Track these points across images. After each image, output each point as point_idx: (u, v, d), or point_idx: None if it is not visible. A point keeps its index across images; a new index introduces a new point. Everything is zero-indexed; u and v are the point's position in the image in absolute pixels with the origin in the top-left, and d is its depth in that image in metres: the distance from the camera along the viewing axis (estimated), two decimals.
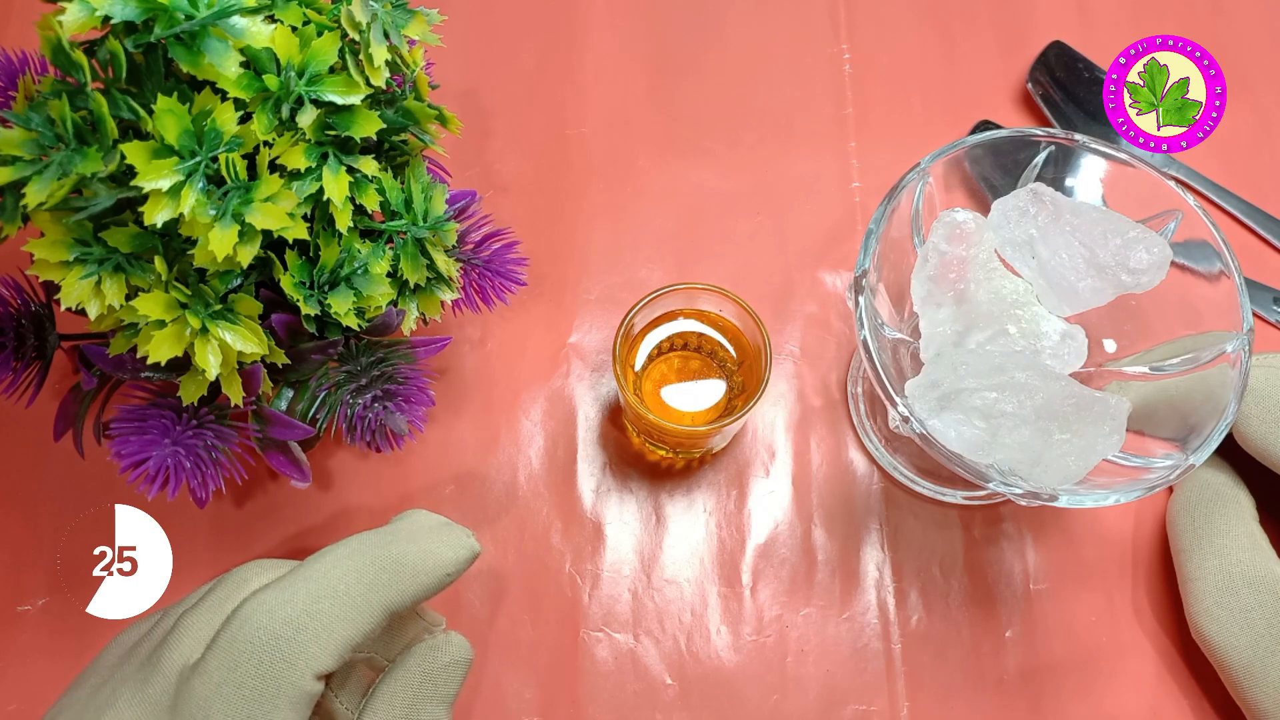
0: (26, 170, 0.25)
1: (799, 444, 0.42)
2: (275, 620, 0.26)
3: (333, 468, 0.41)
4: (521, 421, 0.42)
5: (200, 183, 0.26)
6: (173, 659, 0.27)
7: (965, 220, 0.35)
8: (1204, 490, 0.37)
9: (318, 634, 0.26)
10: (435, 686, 0.29)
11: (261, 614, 0.26)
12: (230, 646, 0.26)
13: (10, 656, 0.37)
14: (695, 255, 0.45)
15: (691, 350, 0.39)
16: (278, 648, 0.26)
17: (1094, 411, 0.32)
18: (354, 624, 0.27)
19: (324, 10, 0.29)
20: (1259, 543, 0.36)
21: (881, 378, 0.32)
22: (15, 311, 0.33)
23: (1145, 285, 0.34)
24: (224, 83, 0.26)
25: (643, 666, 0.38)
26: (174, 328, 0.28)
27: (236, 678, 0.26)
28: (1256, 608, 0.34)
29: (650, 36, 0.49)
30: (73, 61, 0.25)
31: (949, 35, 0.50)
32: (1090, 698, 0.38)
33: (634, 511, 0.41)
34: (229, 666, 0.26)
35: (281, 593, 0.27)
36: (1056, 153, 0.36)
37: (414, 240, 0.32)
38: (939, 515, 0.41)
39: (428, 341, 0.35)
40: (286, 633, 0.26)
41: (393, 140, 0.33)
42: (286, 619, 0.26)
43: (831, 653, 0.39)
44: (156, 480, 0.30)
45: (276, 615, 0.26)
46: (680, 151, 0.47)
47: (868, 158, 0.47)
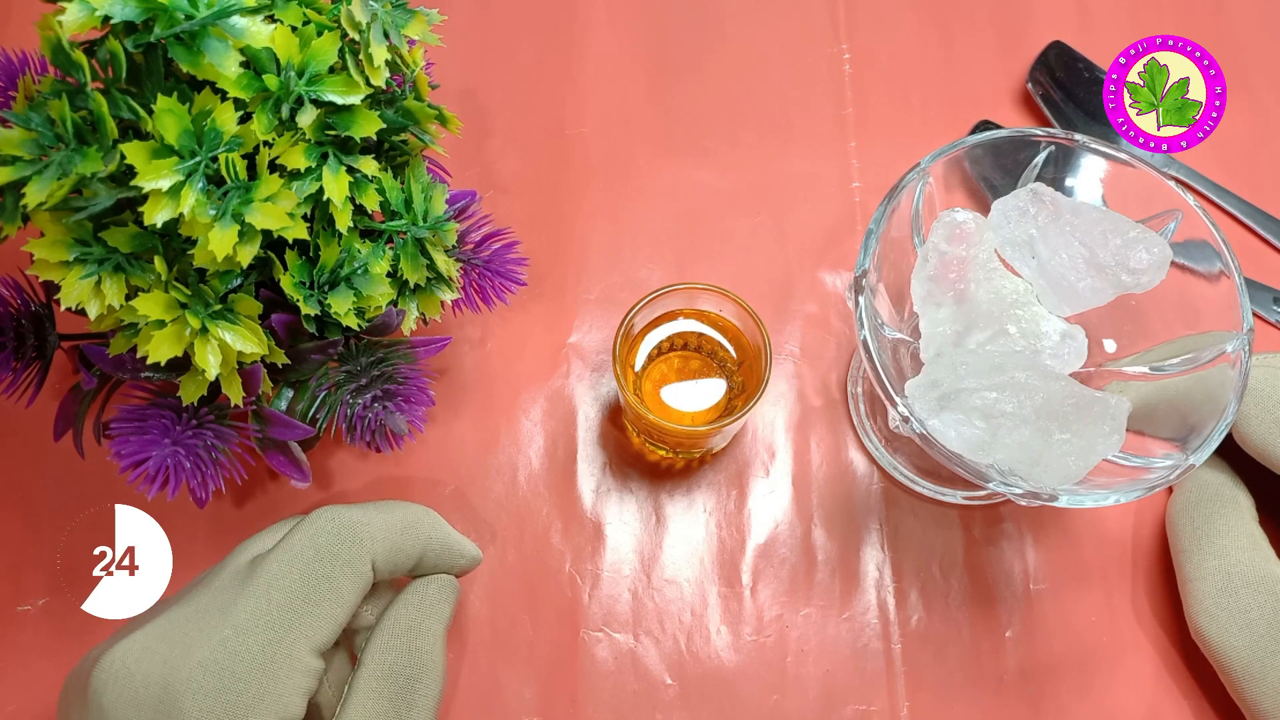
0: (26, 170, 0.25)
1: (799, 444, 0.42)
2: (344, 515, 0.32)
3: (333, 468, 0.41)
4: (521, 421, 0.42)
5: (200, 183, 0.26)
6: (244, 552, 0.32)
7: (965, 220, 0.35)
8: (1204, 490, 0.37)
9: (375, 532, 0.32)
10: (429, 609, 0.33)
11: (331, 511, 0.32)
12: (303, 528, 0.31)
13: (10, 656, 0.37)
14: (695, 255, 0.45)
15: (691, 350, 0.39)
16: (348, 529, 0.31)
17: (1094, 411, 0.32)
18: (399, 542, 0.32)
19: (324, 10, 0.29)
20: (1259, 543, 0.36)
21: (881, 378, 0.32)
22: (15, 311, 0.33)
23: (1145, 285, 0.34)
24: (224, 83, 0.26)
25: (643, 666, 0.38)
26: (174, 328, 0.28)
27: (310, 549, 0.31)
28: (1256, 608, 0.34)
29: (650, 36, 0.49)
30: (73, 61, 0.25)
31: (949, 35, 0.50)
32: (1090, 697, 0.38)
33: (634, 511, 0.41)
34: (302, 543, 0.31)
35: (348, 507, 0.32)
36: (1056, 153, 0.36)
37: (414, 240, 0.32)
38: (939, 515, 0.41)
39: (428, 341, 0.35)
40: (353, 523, 0.32)
41: (393, 140, 0.33)
42: (353, 518, 0.32)
43: (831, 653, 0.39)
44: (156, 480, 0.30)
45: (344, 514, 0.32)
46: (680, 151, 0.47)
47: (868, 158, 0.47)
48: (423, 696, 0.31)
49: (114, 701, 0.28)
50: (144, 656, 0.29)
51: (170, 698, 0.28)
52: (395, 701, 0.31)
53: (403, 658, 0.32)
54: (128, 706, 0.28)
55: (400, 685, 0.31)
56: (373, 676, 0.31)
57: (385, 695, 0.31)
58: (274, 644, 0.29)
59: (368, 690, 0.31)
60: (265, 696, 0.29)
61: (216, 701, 0.28)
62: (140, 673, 0.29)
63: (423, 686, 0.31)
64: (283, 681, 0.29)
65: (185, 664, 0.29)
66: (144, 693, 0.28)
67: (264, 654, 0.29)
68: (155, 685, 0.28)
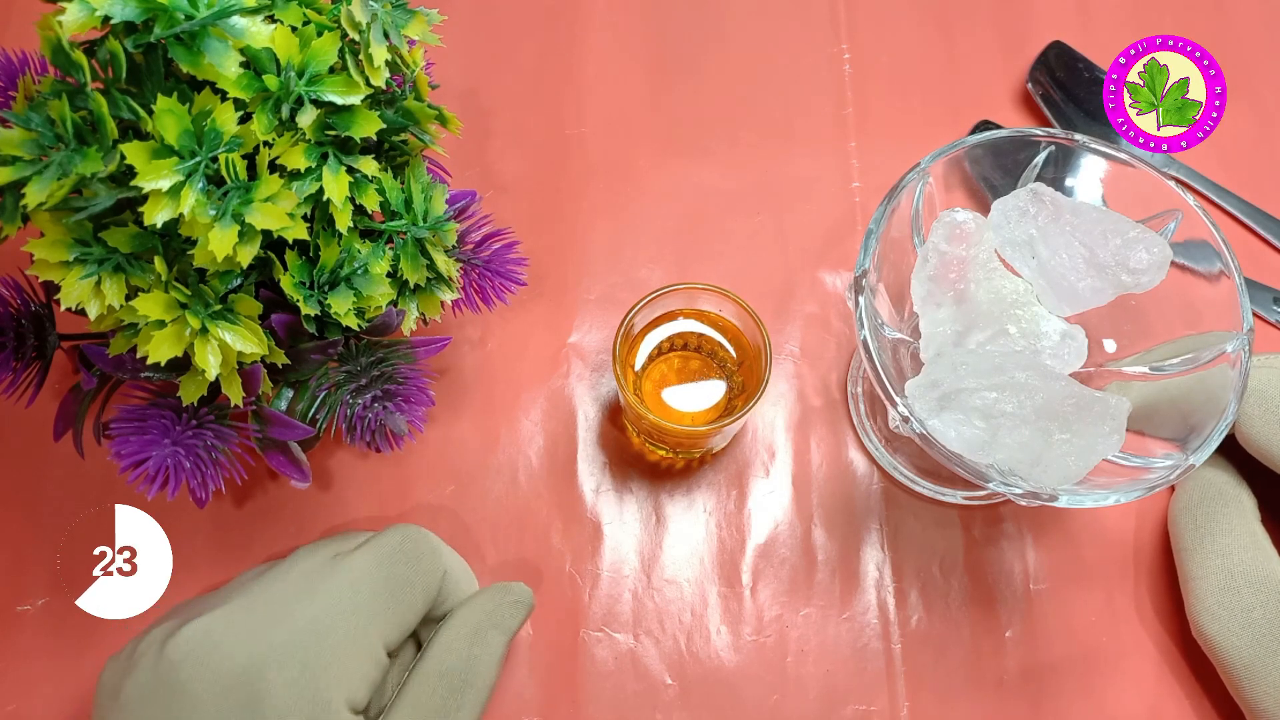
0: (26, 170, 0.25)
1: (799, 444, 0.42)
2: (425, 532, 0.35)
3: (333, 468, 0.41)
4: (521, 421, 0.42)
5: (200, 183, 0.26)
6: (318, 551, 0.34)
7: (965, 220, 0.35)
8: (1206, 490, 0.37)
9: (448, 556, 0.36)
10: (498, 618, 0.35)
11: (414, 527, 0.35)
12: (392, 534, 0.34)
13: (10, 656, 0.37)
14: (695, 255, 0.45)
15: (691, 350, 0.39)
16: (431, 545, 0.35)
17: (1094, 411, 0.32)
18: (459, 573, 0.36)
19: (324, 10, 0.29)
20: (1260, 542, 0.36)
21: (881, 378, 0.32)
22: (15, 311, 0.33)
23: (1145, 285, 0.34)
24: (224, 83, 0.26)
25: (643, 666, 0.38)
26: (174, 328, 0.28)
27: (400, 554, 0.34)
28: (1258, 607, 0.34)
29: (650, 36, 0.49)
30: (73, 61, 0.25)
31: (949, 35, 0.50)
32: (1090, 697, 0.38)
33: (634, 511, 0.41)
34: (391, 546, 0.34)
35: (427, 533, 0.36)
36: (1056, 153, 0.36)
37: (414, 240, 0.32)
38: (939, 515, 0.41)
39: (428, 341, 0.35)
40: (433, 540, 0.35)
41: (393, 140, 0.33)
42: (433, 537, 0.35)
43: (831, 653, 0.39)
44: (156, 480, 0.30)
45: (426, 531, 0.35)
46: (680, 151, 0.47)
47: (868, 158, 0.47)
48: (470, 701, 0.33)
49: (195, 672, 0.29)
50: (228, 632, 0.30)
51: (255, 669, 0.29)
52: (446, 699, 0.32)
53: (459, 662, 0.33)
54: (210, 675, 0.29)
55: (453, 686, 0.33)
56: (431, 673, 0.33)
57: (439, 692, 0.32)
58: (357, 631, 0.31)
59: (424, 684, 0.33)
60: (342, 679, 0.30)
61: (300, 675, 0.30)
62: (225, 645, 0.30)
63: (473, 691, 0.33)
64: (359, 667, 0.31)
65: (270, 639, 0.30)
66: (227, 664, 0.30)
67: (347, 639, 0.31)
68: (239, 657, 0.30)
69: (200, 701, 0.29)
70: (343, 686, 0.30)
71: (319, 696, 0.30)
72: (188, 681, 0.29)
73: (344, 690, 0.30)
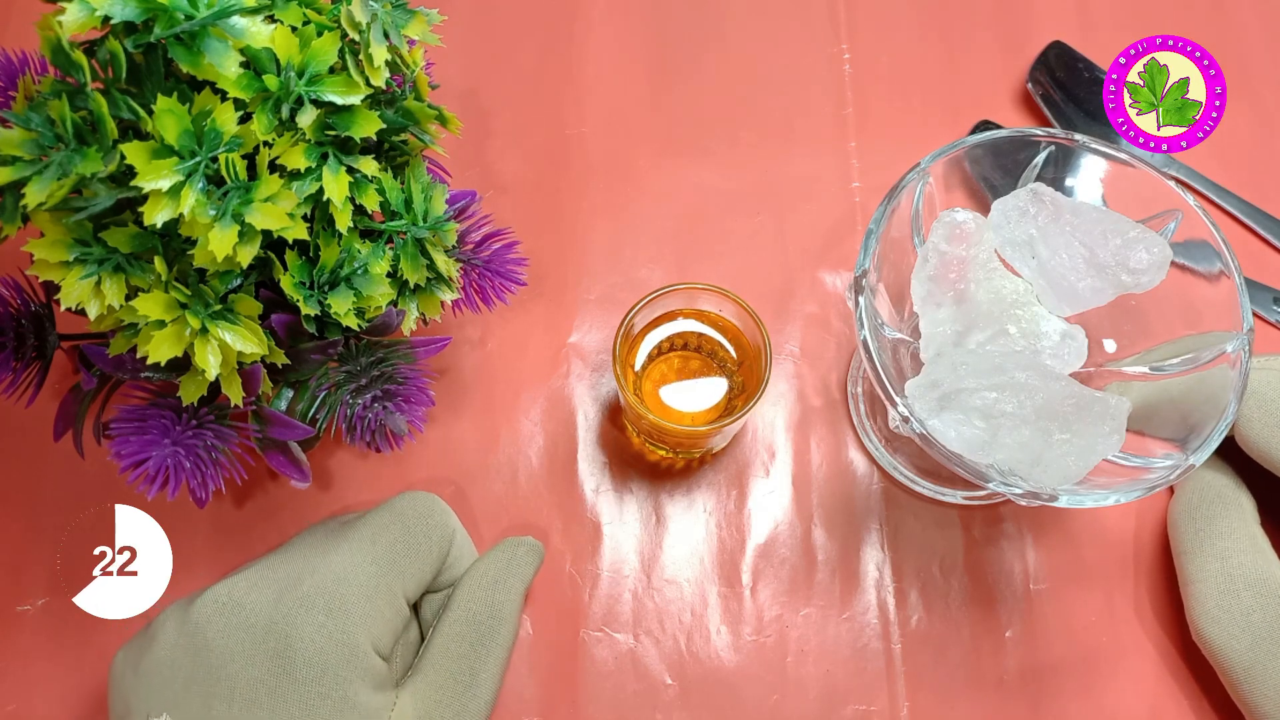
0: (26, 170, 0.25)
1: (799, 444, 0.42)
2: (435, 497, 0.37)
3: (333, 468, 0.41)
4: (521, 421, 0.42)
5: (200, 183, 0.26)
6: (326, 523, 0.36)
7: (965, 220, 0.34)
8: (1206, 492, 0.37)
9: (454, 519, 0.37)
10: (515, 567, 0.37)
11: (424, 492, 0.37)
12: (403, 497, 0.36)
13: (10, 656, 0.37)
14: (695, 255, 0.45)
15: (691, 350, 0.39)
16: (440, 506, 0.36)
17: (1094, 411, 0.32)
18: (464, 540, 0.38)
19: (324, 10, 0.29)
20: (1260, 545, 0.36)
21: (881, 378, 0.32)
22: (15, 311, 0.33)
23: (1145, 285, 0.34)
24: (224, 83, 0.26)
25: (643, 666, 0.38)
26: (174, 328, 0.28)
27: (412, 511, 0.35)
28: (1257, 609, 0.34)
29: (650, 36, 0.49)
30: (73, 61, 0.25)
31: (949, 35, 0.50)
32: (1090, 698, 0.38)
33: (634, 511, 0.41)
34: (404, 505, 0.35)
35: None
36: (1056, 153, 0.36)
37: (414, 240, 0.32)
38: (939, 515, 0.41)
39: (428, 341, 0.35)
40: (442, 503, 0.37)
41: (393, 140, 0.33)
42: (441, 501, 0.37)
43: (831, 653, 0.39)
44: (156, 480, 0.30)
45: (435, 496, 0.37)
46: (680, 151, 0.47)
47: (868, 158, 0.47)
48: (497, 645, 0.35)
49: (222, 630, 0.30)
50: (250, 591, 0.32)
51: (283, 616, 0.31)
52: (475, 645, 0.34)
53: (484, 609, 0.35)
54: (238, 630, 0.30)
55: (480, 630, 0.35)
56: (458, 620, 0.35)
57: (466, 639, 0.34)
58: (379, 577, 0.33)
59: (451, 632, 0.34)
60: (369, 621, 0.32)
61: (328, 620, 0.31)
62: (249, 603, 0.31)
63: (499, 637, 0.35)
64: (383, 611, 0.32)
65: (295, 592, 0.31)
66: (254, 618, 0.31)
67: (370, 586, 0.32)
68: (265, 610, 0.31)
69: (231, 655, 0.30)
70: (368, 631, 0.32)
71: (347, 639, 0.31)
72: (215, 638, 0.30)
73: (370, 635, 0.32)
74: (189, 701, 0.29)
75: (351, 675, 0.30)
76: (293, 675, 0.30)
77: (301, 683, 0.30)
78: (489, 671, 0.34)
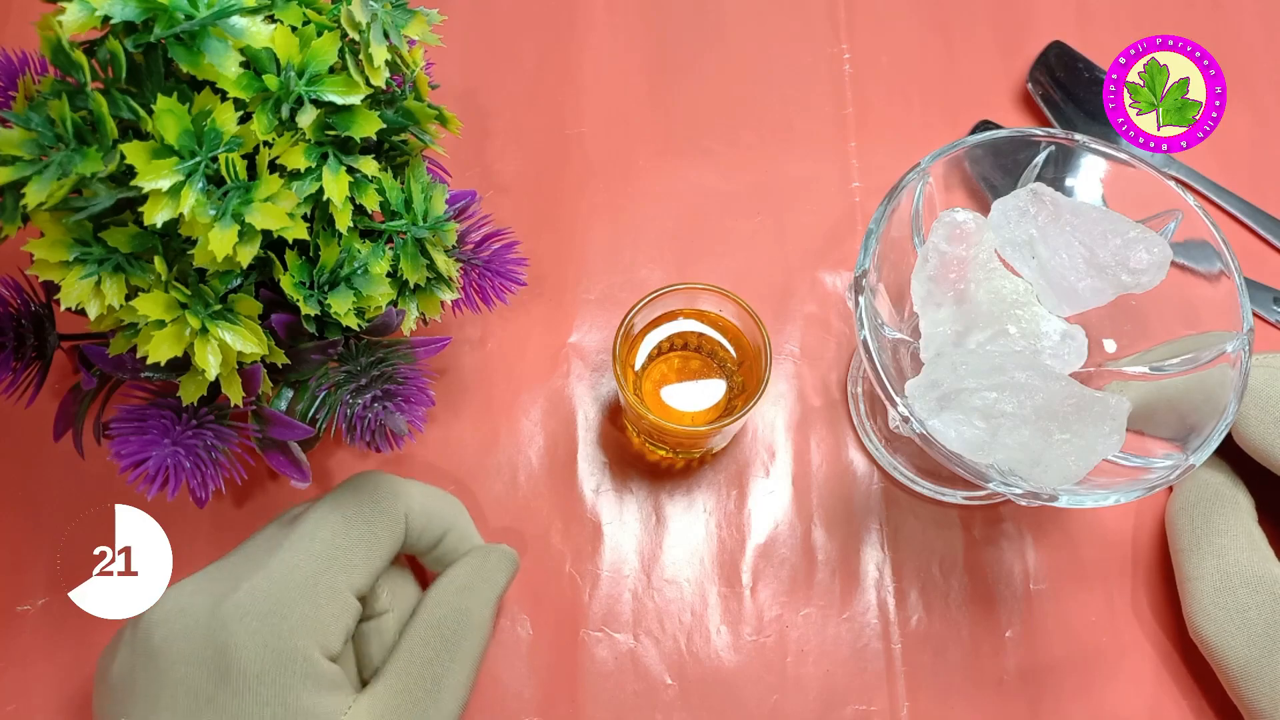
0: (26, 170, 0.25)
1: (799, 444, 0.42)
2: (383, 474, 0.35)
3: (333, 468, 0.41)
4: (521, 421, 0.42)
5: (200, 183, 0.26)
6: (284, 516, 0.35)
7: (965, 220, 0.35)
8: (1203, 490, 0.37)
9: (411, 491, 0.35)
10: (486, 574, 0.35)
11: (371, 472, 0.35)
12: (346, 483, 0.35)
13: (10, 656, 0.37)
14: (695, 255, 0.45)
15: (691, 350, 0.39)
16: (387, 484, 0.35)
17: (1094, 411, 0.32)
18: (431, 507, 0.36)
19: (324, 10, 0.29)
20: (1257, 543, 0.36)
21: (881, 378, 0.32)
22: (15, 311, 0.33)
23: (1145, 285, 0.34)
24: (224, 83, 0.26)
25: (643, 666, 0.38)
26: (174, 328, 0.28)
27: (352, 498, 0.34)
28: (1254, 607, 0.34)
29: (650, 36, 0.49)
30: (73, 61, 0.25)
31: (949, 35, 0.50)
32: (1090, 697, 0.38)
33: (634, 511, 0.41)
34: (344, 493, 0.34)
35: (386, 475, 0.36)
36: (1056, 153, 0.36)
37: (414, 240, 0.32)
38: (939, 515, 0.41)
39: (428, 341, 0.35)
40: (391, 480, 0.35)
41: (393, 140, 0.33)
42: (391, 478, 0.35)
43: (831, 653, 0.39)
44: (156, 480, 0.30)
45: (383, 474, 0.35)
46: (680, 151, 0.47)
47: (868, 158, 0.47)
48: (463, 653, 0.33)
49: (166, 636, 0.30)
50: (194, 595, 0.31)
51: (219, 623, 0.30)
52: (440, 651, 0.33)
53: (451, 615, 0.34)
54: (179, 638, 0.30)
55: (445, 637, 0.33)
56: (423, 625, 0.34)
57: (431, 645, 0.33)
58: (318, 575, 0.31)
59: (416, 637, 0.33)
60: (308, 623, 0.31)
61: (263, 624, 0.30)
62: (191, 609, 0.31)
63: (466, 645, 0.34)
64: (325, 610, 0.31)
65: (233, 595, 0.31)
66: (194, 623, 0.30)
67: (308, 583, 0.31)
68: (204, 614, 0.30)
69: (173, 664, 0.30)
70: (310, 633, 0.31)
71: (283, 645, 0.30)
72: (160, 646, 0.30)
73: (313, 637, 0.31)
74: (141, 710, 0.29)
75: (291, 681, 0.30)
76: (229, 684, 0.29)
77: (238, 693, 0.29)
78: (454, 680, 0.33)
